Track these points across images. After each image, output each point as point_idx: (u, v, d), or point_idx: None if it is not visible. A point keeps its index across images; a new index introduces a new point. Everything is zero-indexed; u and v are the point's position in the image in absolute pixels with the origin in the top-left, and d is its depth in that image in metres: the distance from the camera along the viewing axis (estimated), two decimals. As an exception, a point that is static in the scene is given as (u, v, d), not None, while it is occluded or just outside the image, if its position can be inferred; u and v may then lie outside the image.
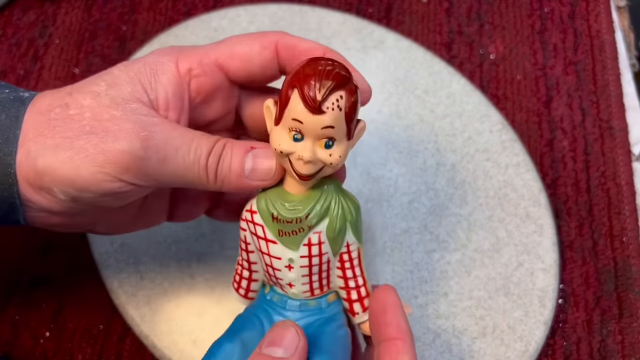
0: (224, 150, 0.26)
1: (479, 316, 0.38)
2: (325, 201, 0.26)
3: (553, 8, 0.50)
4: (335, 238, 0.26)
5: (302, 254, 0.26)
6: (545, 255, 0.40)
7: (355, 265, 0.28)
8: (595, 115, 0.46)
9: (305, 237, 0.26)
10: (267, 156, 0.26)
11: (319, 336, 0.27)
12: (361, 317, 0.28)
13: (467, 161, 0.42)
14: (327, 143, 0.25)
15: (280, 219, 0.26)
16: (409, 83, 0.45)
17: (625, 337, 0.39)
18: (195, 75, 0.27)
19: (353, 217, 0.27)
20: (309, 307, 0.28)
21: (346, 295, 0.28)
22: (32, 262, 0.38)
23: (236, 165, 0.26)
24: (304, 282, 0.27)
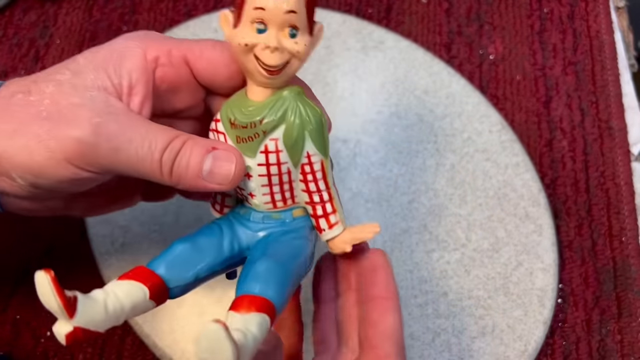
0: (183, 148, 0.26)
1: (479, 316, 0.38)
2: (282, 107, 0.25)
3: (552, 8, 0.50)
4: (293, 147, 0.26)
5: (259, 162, 0.26)
6: (545, 255, 0.40)
7: (318, 178, 0.27)
8: (595, 115, 0.46)
9: (261, 144, 0.26)
10: (228, 159, 0.26)
11: (272, 243, 0.27)
12: (327, 234, 0.28)
13: (466, 161, 0.42)
14: (291, 32, 0.24)
15: (236, 124, 0.26)
16: (409, 83, 0.45)
17: (624, 337, 0.39)
18: (161, 64, 0.27)
19: (312, 127, 0.25)
20: (272, 219, 0.27)
21: (312, 211, 0.27)
22: (33, 262, 0.38)
23: (194, 165, 0.26)
24: (264, 192, 0.27)
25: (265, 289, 0.24)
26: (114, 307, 0.24)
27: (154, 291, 0.25)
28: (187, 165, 0.26)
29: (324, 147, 0.26)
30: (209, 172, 0.26)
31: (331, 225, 0.28)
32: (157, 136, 0.25)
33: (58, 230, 0.39)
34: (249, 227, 0.27)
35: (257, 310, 0.23)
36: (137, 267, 0.25)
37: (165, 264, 0.25)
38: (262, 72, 0.25)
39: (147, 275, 0.25)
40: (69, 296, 0.23)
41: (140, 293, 0.24)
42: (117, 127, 0.25)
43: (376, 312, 0.26)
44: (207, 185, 0.26)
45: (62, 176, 0.25)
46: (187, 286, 0.26)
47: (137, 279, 0.25)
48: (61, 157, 0.24)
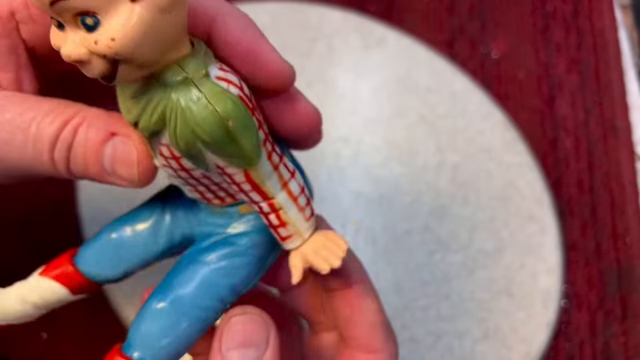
0: (75, 138, 0.20)
1: (481, 318, 0.37)
2: (157, 105, 0.17)
3: (556, 6, 0.49)
4: (193, 157, 0.18)
5: (163, 163, 0.20)
6: (548, 256, 0.39)
7: (247, 190, 0.20)
8: (599, 114, 0.45)
9: (154, 148, 0.19)
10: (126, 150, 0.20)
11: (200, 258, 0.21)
12: (288, 244, 0.22)
13: (469, 161, 0.42)
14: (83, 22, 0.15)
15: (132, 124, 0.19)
16: (411, 82, 0.44)
17: (628, 339, 0.38)
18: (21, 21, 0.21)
19: (208, 138, 0.17)
20: (216, 213, 0.22)
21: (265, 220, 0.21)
22: (28, 261, 0.38)
23: (92, 161, 0.20)
24: (190, 190, 0.21)
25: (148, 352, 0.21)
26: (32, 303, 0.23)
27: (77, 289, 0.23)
28: (84, 162, 0.20)
29: (240, 157, 0.18)
30: (110, 169, 0.20)
31: (283, 239, 0.21)
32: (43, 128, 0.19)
33: (52, 230, 0.38)
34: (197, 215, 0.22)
35: None
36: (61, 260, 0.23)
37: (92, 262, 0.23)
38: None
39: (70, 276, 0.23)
40: None
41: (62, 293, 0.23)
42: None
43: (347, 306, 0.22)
44: (115, 182, 0.21)
45: None
46: (113, 280, 0.23)
47: (59, 280, 0.23)
48: None
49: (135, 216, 0.23)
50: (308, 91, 0.27)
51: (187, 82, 0.17)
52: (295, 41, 0.44)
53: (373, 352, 0.23)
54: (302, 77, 0.27)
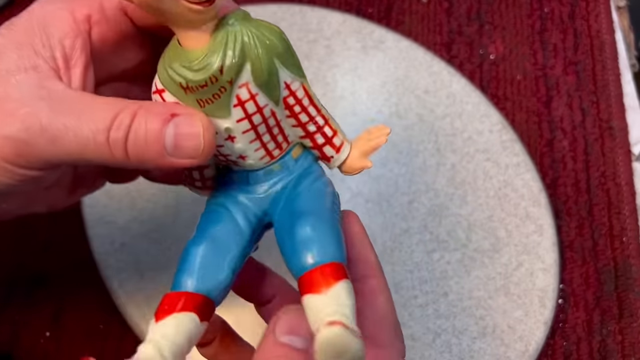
0: (135, 121, 0.21)
1: (479, 316, 0.38)
2: (236, 41, 0.20)
3: (553, 8, 0.50)
4: (268, 83, 0.21)
5: (237, 118, 0.21)
6: (545, 255, 0.40)
7: (306, 105, 0.23)
8: (595, 115, 0.46)
9: (231, 97, 0.21)
10: (193, 125, 0.21)
11: (294, 199, 0.23)
12: (337, 159, 0.24)
13: (467, 161, 0.42)
14: None
15: (192, 87, 0.21)
16: (409, 83, 0.45)
17: (625, 337, 0.39)
18: (95, 22, 0.23)
19: (279, 49, 0.21)
20: (275, 172, 0.23)
21: (311, 143, 0.24)
22: (32, 261, 0.38)
23: (153, 141, 0.21)
24: (256, 147, 0.23)
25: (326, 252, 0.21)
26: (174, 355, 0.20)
27: (201, 312, 0.21)
28: (144, 142, 0.21)
29: (298, 67, 0.22)
30: (173, 146, 0.21)
31: (338, 149, 0.24)
32: (96, 114, 0.21)
33: (56, 231, 0.39)
34: (254, 192, 0.24)
35: (336, 279, 0.20)
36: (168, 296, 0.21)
37: (197, 277, 0.22)
38: (192, 8, 0.19)
39: (187, 301, 0.21)
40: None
41: (191, 323, 0.21)
42: (49, 114, 0.21)
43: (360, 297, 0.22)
44: (175, 162, 0.21)
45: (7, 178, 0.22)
46: (227, 287, 0.22)
47: (179, 310, 0.21)
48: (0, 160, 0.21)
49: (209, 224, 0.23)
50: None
51: (246, 17, 0.21)
52: (294, 43, 0.45)
53: (380, 347, 0.22)
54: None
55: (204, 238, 0.22)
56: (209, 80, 0.20)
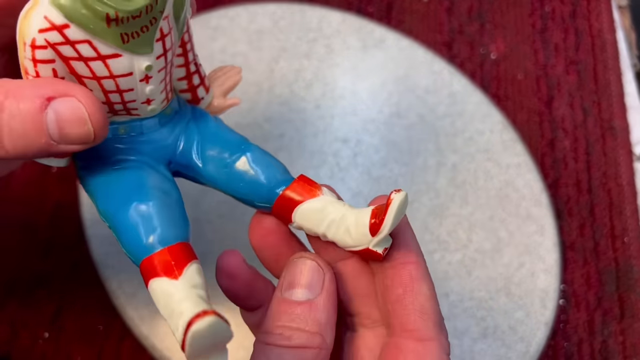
0: (4, 114, 0.18)
1: (480, 317, 0.38)
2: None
3: (554, 7, 0.50)
4: (179, 17, 0.20)
5: (157, 54, 0.20)
6: (547, 256, 0.40)
7: (193, 43, 0.23)
8: (597, 115, 0.45)
9: (157, 30, 0.19)
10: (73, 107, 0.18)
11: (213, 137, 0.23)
12: (206, 100, 0.24)
13: (468, 161, 0.42)
14: None
15: (121, 18, 0.18)
16: (410, 82, 0.44)
17: (626, 338, 0.39)
18: None
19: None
20: (168, 116, 0.22)
21: (187, 84, 0.23)
22: (32, 262, 0.38)
23: (35, 133, 0.18)
24: (162, 89, 0.21)
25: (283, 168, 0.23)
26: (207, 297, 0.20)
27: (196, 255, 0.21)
28: (24, 137, 0.18)
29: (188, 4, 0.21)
30: (58, 135, 0.18)
31: (207, 89, 0.24)
32: None
33: (56, 231, 0.39)
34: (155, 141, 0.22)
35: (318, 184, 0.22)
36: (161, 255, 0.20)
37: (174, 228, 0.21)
38: None
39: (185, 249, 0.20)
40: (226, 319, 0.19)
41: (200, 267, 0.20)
42: None
43: (400, 284, 0.21)
44: (66, 149, 0.19)
45: None
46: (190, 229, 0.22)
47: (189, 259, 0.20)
48: None
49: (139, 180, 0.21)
50: (308, 92, 0.27)
51: None
52: (295, 42, 0.45)
53: (423, 340, 0.21)
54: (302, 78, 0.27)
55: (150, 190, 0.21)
56: (144, 10, 0.18)
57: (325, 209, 0.22)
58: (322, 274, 0.21)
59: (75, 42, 0.18)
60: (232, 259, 0.23)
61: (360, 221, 0.21)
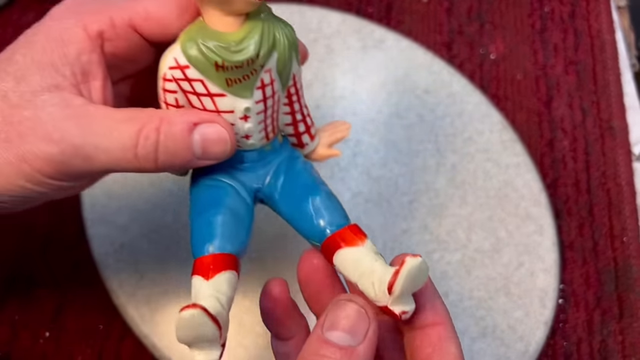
0: (160, 136, 0.23)
1: (479, 316, 0.38)
2: (269, 32, 0.23)
3: (553, 8, 0.50)
4: (283, 71, 0.24)
5: (257, 99, 0.24)
6: (546, 256, 0.40)
7: (301, 95, 0.26)
8: (596, 115, 0.46)
9: (257, 80, 0.23)
10: (218, 131, 0.23)
11: (297, 176, 0.26)
12: (310, 147, 0.28)
13: (467, 161, 0.42)
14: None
15: (226, 66, 0.23)
16: (409, 83, 0.45)
17: (625, 338, 0.39)
18: (107, 38, 0.24)
19: (295, 43, 0.24)
20: (266, 153, 0.26)
21: (293, 130, 0.27)
22: (32, 261, 0.38)
23: (183, 150, 0.23)
24: (260, 129, 0.25)
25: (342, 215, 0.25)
26: (229, 306, 0.23)
27: (238, 270, 0.24)
28: (174, 153, 0.23)
29: (299, 61, 0.25)
30: (202, 152, 0.23)
31: (313, 137, 0.28)
32: (123, 132, 0.23)
33: (55, 230, 0.39)
34: (249, 169, 0.26)
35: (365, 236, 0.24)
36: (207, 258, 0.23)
37: (228, 241, 0.24)
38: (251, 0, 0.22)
39: (227, 260, 0.23)
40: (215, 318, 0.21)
41: (234, 278, 0.23)
42: (79, 136, 0.23)
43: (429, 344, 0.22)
44: (202, 164, 0.24)
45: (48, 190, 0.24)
46: (246, 248, 0.25)
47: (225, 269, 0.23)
48: (39, 176, 0.23)
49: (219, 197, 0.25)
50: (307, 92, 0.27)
51: (271, 12, 0.24)
52: (295, 43, 0.45)
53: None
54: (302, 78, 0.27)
55: (224, 208, 0.25)
56: (245, 62, 0.23)
57: (360, 260, 0.23)
58: (367, 322, 0.21)
59: (192, 80, 0.23)
60: (278, 285, 0.25)
61: (383, 279, 0.22)
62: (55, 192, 0.24)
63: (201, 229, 0.24)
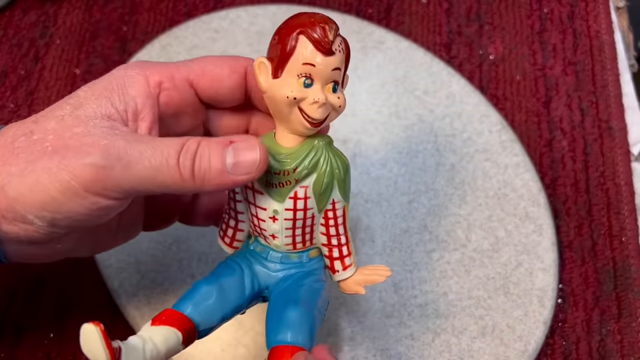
0: (200, 148, 0.25)
1: (479, 316, 0.38)
2: (315, 156, 0.26)
3: (552, 8, 0.50)
4: (322, 194, 0.27)
5: (287, 207, 0.27)
6: (545, 255, 0.40)
7: (339, 223, 0.28)
8: (595, 115, 0.46)
9: (291, 190, 0.26)
10: (250, 147, 0.25)
11: (297, 287, 0.27)
12: (340, 275, 0.29)
13: (466, 161, 0.42)
14: (334, 87, 0.26)
15: (269, 170, 0.26)
16: (409, 83, 0.45)
17: (624, 337, 0.39)
18: (165, 88, 0.27)
19: (341, 176, 0.27)
20: (290, 260, 0.28)
21: (328, 252, 0.29)
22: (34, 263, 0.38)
23: (216, 161, 0.25)
24: (287, 234, 0.27)
25: (300, 337, 0.25)
26: (151, 354, 0.24)
27: (186, 336, 0.25)
28: (209, 163, 0.25)
29: (347, 194, 0.27)
30: (233, 164, 0.25)
31: (345, 267, 0.29)
32: (167, 143, 0.25)
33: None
34: (267, 267, 0.28)
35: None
36: (168, 311, 0.26)
37: (197, 309, 0.26)
38: (305, 124, 0.25)
39: (180, 321, 0.25)
40: (115, 347, 0.22)
41: (174, 339, 0.25)
42: (125, 144, 0.24)
43: None
44: (234, 179, 0.25)
45: (80, 207, 0.24)
46: (213, 328, 0.27)
47: (171, 325, 0.25)
48: (77, 186, 0.24)
49: (222, 273, 0.28)
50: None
51: (331, 143, 0.27)
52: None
53: None
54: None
55: (213, 283, 0.27)
56: (283, 172, 0.26)
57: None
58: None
59: None
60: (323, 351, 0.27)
61: None
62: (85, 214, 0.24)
63: (188, 291, 0.27)
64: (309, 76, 0.25)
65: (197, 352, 0.35)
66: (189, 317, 0.26)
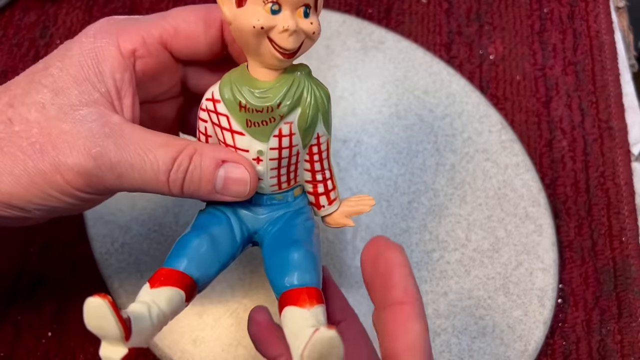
0: (191, 164, 0.25)
1: (479, 316, 0.38)
2: (297, 89, 0.24)
3: (552, 8, 0.50)
4: (307, 129, 0.25)
5: (272, 146, 0.25)
6: (545, 255, 0.40)
7: (323, 157, 0.27)
8: (595, 115, 0.46)
9: (275, 128, 0.25)
10: (240, 174, 0.25)
11: (290, 228, 0.26)
12: (327, 209, 0.28)
13: (466, 161, 0.42)
14: (305, 11, 0.23)
15: (248, 108, 0.24)
16: (409, 83, 0.45)
17: (624, 337, 0.39)
18: (139, 56, 0.26)
19: (325, 107, 0.25)
20: (276, 200, 0.27)
21: (312, 188, 0.28)
22: (33, 262, 0.38)
23: (206, 182, 0.25)
24: (272, 175, 0.26)
25: (309, 277, 0.24)
26: (158, 319, 0.23)
27: (188, 293, 0.24)
28: (199, 183, 0.25)
29: (330, 126, 0.26)
30: (222, 187, 0.25)
31: (331, 202, 0.28)
32: (159, 156, 0.24)
33: (56, 230, 0.39)
34: (253, 210, 0.27)
35: (318, 302, 0.24)
36: (164, 270, 0.24)
37: (193, 264, 0.24)
38: (276, 55, 0.23)
39: (180, 278, 0.24)
40: (125, 318, 0.21)
41: (178, 298, 0.24)
42: (116, 154, 0.24)
43: (394, 322, 0.23)
44: (221, 199, 0.26)
45: (75, 203, 0.25)
46: (210, 282, 0.26)
47: (172, 284, 0.24)
48: (72, 190, 0.24)
49: (209, 223, 0.26)
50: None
51: (310, 73, 0.25)
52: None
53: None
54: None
55: (204, 234, 0.25)
56: (265, 109, 0.24)
57: (298, 322, 0.23)
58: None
59: (220, 113, 0.25)
60: (260, 312, 0.27)
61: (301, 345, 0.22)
62: (79, 205, 0.25)
63: (177, 246, 0.25)
64: (276, 1, 0.22)
65: (198, 352, 0.35)
66: (187, 273, 0.24)
